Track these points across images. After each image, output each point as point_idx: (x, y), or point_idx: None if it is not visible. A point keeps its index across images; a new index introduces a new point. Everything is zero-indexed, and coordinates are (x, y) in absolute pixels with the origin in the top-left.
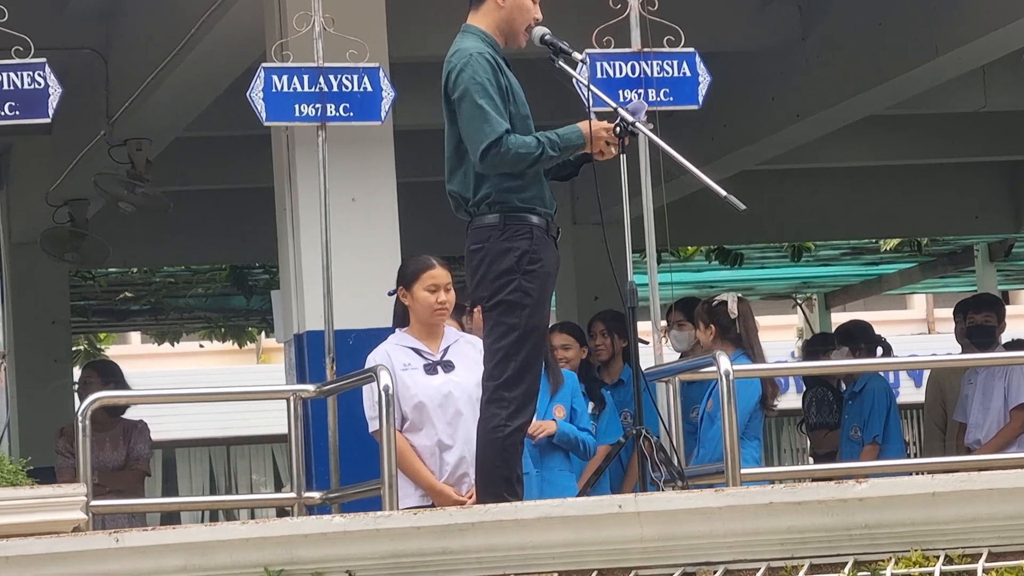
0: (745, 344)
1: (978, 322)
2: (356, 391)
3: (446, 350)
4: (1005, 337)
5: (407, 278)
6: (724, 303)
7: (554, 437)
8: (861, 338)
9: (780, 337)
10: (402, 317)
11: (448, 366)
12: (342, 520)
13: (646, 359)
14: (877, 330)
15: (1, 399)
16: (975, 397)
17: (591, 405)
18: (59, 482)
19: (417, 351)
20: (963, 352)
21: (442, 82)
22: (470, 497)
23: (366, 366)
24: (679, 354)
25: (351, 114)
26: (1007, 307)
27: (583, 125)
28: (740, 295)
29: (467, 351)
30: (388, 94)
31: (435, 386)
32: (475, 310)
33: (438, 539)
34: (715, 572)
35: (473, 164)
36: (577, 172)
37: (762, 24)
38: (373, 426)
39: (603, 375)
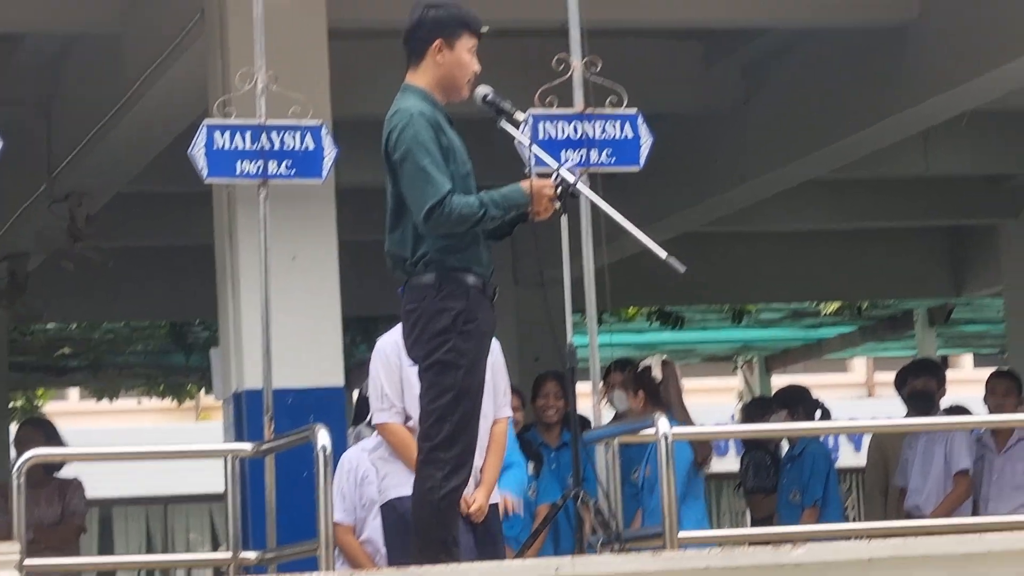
0: (665, 406)
1: (917, 387)
2: (294, 450)
3: None
4: (945, 402)
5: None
6: (648, 368)
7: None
8: (799, 402)
9: (720, 400)
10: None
11: None
12: None
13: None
14: (817, 393)
15: None
16: (915, 462)
17: (531, 465)
18: None
19: None
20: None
21: (383, 141)
22: (474, 501)
23: (374, 351)
24: (614, 414)
25: (293, 172)
26: (947, 372)
27: (525, 184)
28: (666, 358)
29: None
30: (330, 152)
31: None
32: None
33: None
34: None
35: (413, 224)
36: (511, 231)
37: (705, 87)
38: (378, 418)
39: (546, 437)
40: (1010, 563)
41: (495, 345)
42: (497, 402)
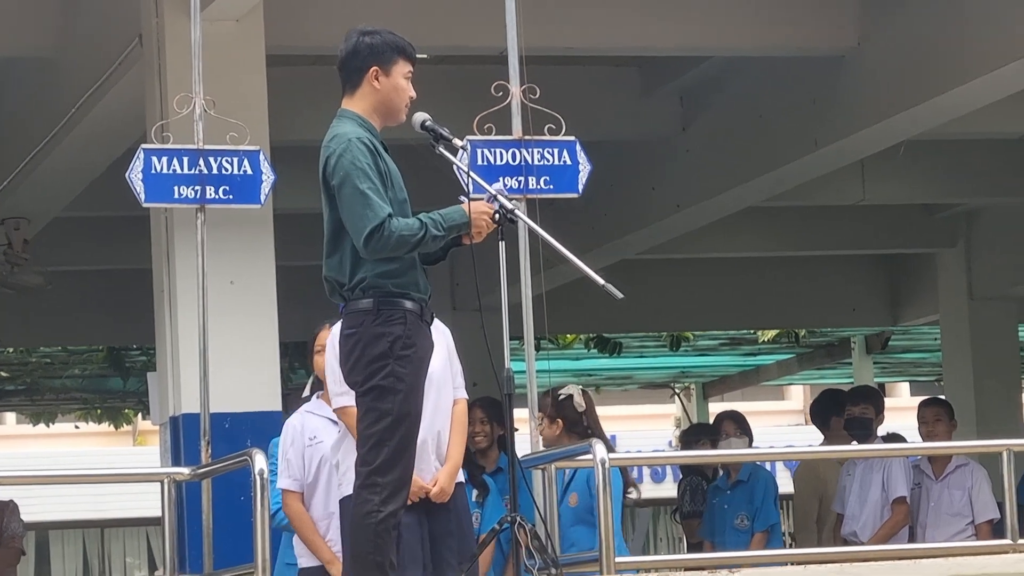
0: (585, 434)
1: (855, 414)
2: (231, 474)
3: None
4: (882, 430)
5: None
6: (571, 396)
7: None
8: (746, 426)
9: (658, 426)
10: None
11: None
12: None
13: (522, 446)
14: (754, 420)
15: None
16: (852, 488)
17: (475, 492)
18: None
19: None
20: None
21: (320, 167)
22: (435, 483)
23: (330, 338)
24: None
25: (231, 197)
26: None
27: (465, 205)
28: (583, 387)
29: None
30: (268, 177)
31: None
32: None
33: None
34: None
35: (351, 249)
36: (444, 256)
37: (643, 114)
38: (337, 402)
39: (481, 462)
40: None
41: (446, 329)
42: (455, 383)
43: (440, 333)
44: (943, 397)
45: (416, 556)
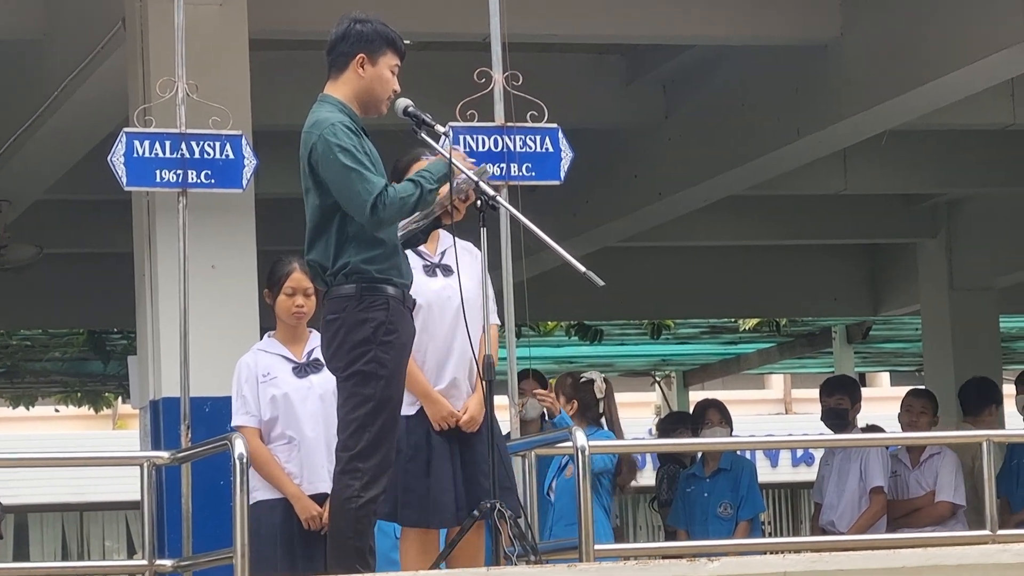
0: (608, 423)
1: (831, 405)
2: (211, 458)
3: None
4: (862, 420)
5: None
6: (592, 381)
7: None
8: (727, 415)
9: (638, 414)
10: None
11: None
12: None
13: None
14: (734, 409)
15: None
16: (830, 478)
17: None
18: None
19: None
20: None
21: (304, 153)
22: (465, 411)
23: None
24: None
25: (212, 181)
26: (864, 389)
27: (442, 155)
28: (605, 376)
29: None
30: (250, 162)
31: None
32: None
33: None
34: None
35: (335, 234)
36: (425, 238)
37: (626, 102)
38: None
39: None
40: None
41: (479, 253)
42: (488, 308)
43: (473, 257)
44: (929, 390)
45: (447, 486)
